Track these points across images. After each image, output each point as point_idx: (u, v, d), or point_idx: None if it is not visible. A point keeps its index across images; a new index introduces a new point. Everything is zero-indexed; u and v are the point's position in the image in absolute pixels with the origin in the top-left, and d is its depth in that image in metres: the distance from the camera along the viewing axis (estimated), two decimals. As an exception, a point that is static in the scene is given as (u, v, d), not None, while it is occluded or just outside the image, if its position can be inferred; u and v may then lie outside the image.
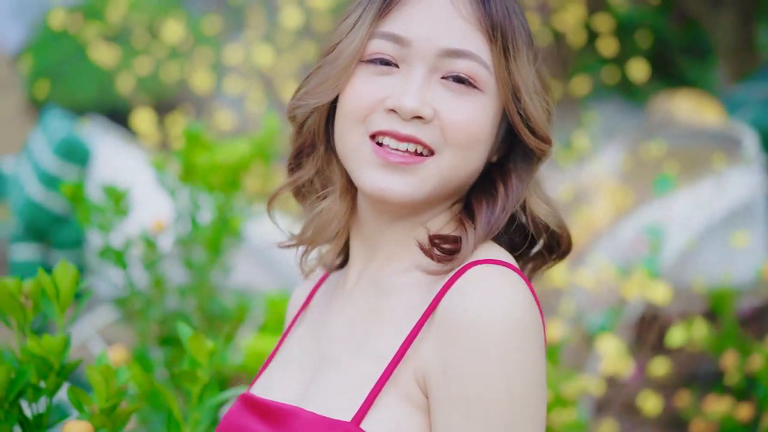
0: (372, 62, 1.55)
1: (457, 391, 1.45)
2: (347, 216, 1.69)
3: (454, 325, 1.46)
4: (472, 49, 1.53)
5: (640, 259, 4.40)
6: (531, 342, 1.45)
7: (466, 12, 1.54)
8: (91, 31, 5.42)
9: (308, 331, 1.73)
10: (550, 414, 3.17)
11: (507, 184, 1.62)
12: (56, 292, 1.76)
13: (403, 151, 1.52)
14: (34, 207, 4.41)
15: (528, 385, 1.44)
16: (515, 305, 1.44)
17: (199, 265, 3.14)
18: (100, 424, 1.68)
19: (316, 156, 1.68)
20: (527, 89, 1.56)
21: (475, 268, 1.50)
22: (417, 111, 1.50)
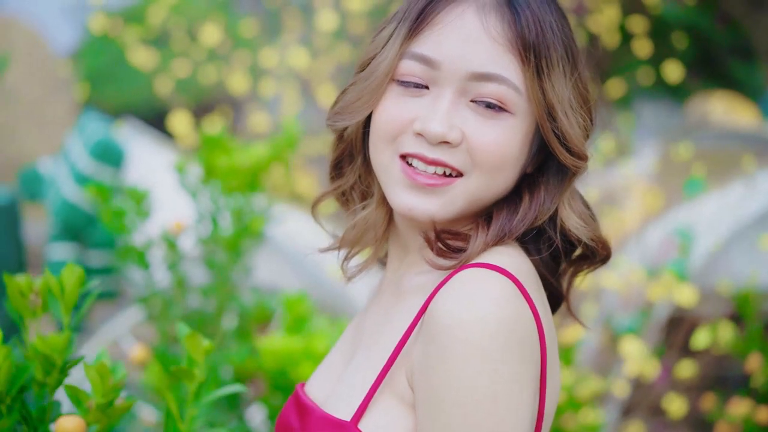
0: (403, 83, 1.57)
1: (427, 393, 1.48)
2: (386, 223, 1.74)
3: (432, 326, 1.48)
4: (502, 72, 1.53)
5: (668, 261, 4.39)
6: (507, 349, 1.45)
7: (497, 33, 1.53)
8: (130, 34, 5.51)
9: (352, 330, 1.81)
10: (562, 416, 3.19)
11: (534, 196, 1.64)
12: (62, 292, 1.82)
13: (431, 173, 1.55)
14: (70, 207, 4.52)
15: (497, 392, 1.44)
16: (491, 312, 1.45)
17: (220, 266, 3.20)
18: (95, 419, 1.75)
19: (355, 165, 1.74)
20: (563, 107, 1.57)
21: (467, 270, 1.52)
22: (443, 136, 1.52)
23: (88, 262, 4.69)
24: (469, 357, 1.44)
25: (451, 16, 1.54)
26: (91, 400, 1.76)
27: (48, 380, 1.79)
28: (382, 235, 1.75)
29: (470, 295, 1.48)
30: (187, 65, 5.64)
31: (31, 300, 1.83)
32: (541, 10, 1.56)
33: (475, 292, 1.48)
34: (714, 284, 4.29)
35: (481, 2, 1.55)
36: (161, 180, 3.65)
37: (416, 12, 1.56)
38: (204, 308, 3.22)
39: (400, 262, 1.73)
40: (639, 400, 4.48)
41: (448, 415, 1.45)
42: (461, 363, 1.44)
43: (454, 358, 1.45)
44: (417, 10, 1.56)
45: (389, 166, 1.59)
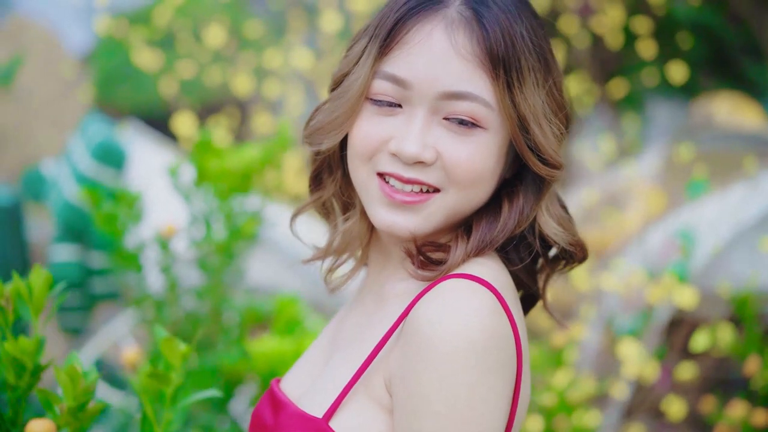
0: (376, 102, 1.58)
1: (405, 399, 1.50)
2: (369, 234, 1.77)
3: (411, 335, 1.51)
4: (473, 89, 1.54)
5: (669, 263, 4.37)
6: (484, 360, 1.47)
7: (465, 51, 1.53)
8: (136, 36, 5.53)
9: (333, 329, 1.83)
10: (554, 418, 3.18)
11: (513, 204, 1.65)
12: (30, 295, 1.83)
13: (409, 191, 1.57)
14: (72, 209, 4.53)
15: (469, 400, 1.46)
16: (472, 323, 1.48)
17: (213, 268, 3.21)
18: (65, 423, 1.76)
19: (335, 177, 1.75)
20: (536, 117, 1.57)
21: (448, 281, 1.54)
22: (418, 157, 1.54)
23: (90, 264, 4.70)
24: (449, 367, 1.46)
25: (420, 35, 1.55)
26: (62, 404, 1.77)
27: (20, 383, 1.80)
28: (365, 247, 1.78)
29: (451, 305, 1.50)
30: (192, 66, 5.65)
31: (2, 305, 1.84)
32: (511, 22, 1.56)
33: (456, 302, 1.50)
34: (715, 286, 4.27)
35: (449, 19, 1.55)
36: (160, 182, 3.66)
37: (386, 30, 1.57)
38: (197, 310, 3.23)
39: (382, 269, 1.74)
40: (640, 402, 4.47)
41: (426, 422, 1.47)
42: (441, 372, 1.46)
43: (433, 367, 1.47)
44: (387, 28, 1.57)
45: (367, 183, 1.61)
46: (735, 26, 7.63)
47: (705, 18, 7.32)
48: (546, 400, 3.20)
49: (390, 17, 1.58)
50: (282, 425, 1.63)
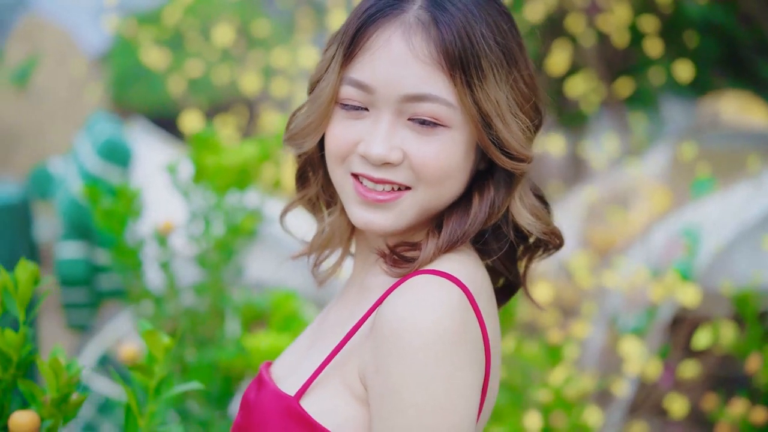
0: (345, 107, 1.64)
1: (381, 390, 1.55)
2: (350, 228, 1.84)
3: (381, 329, 1.55)
4: (432, 91, 1.58)
5: (673, 262, 4.37)
6: (451, 353, 1.51)
7: (423, 54, 1.58)
8: (145, 35, 5.57)
9: (319, 319, 1.89)
10: (551, 414, 3.19)
11: (483, 197, 1.69)
12: (16, 289, 1.85)
13: (380, 190, 1.63)
14: (78, 206, 4.57)
15: (446, 391, 1.51)
16: (439, 317, 1.52)
17: (212, 265, 3.24)
18: (49, 414, 1.78)
19: (317, 177, 1.81)
20: (499, 113, 1.61)
21: (417, 276, 1.59)
22: (384, 158, 1.60)
23: (96, 261, 4.74)
24: (417, 361, 1.50)
25: (380, 41, 1.60)
26: (46, 396, 1.79)
27: (5, 376, 1.83)
28: (348, 239, 1.85)
29: (418, 300, 1.54)
30: (201, 65, 5.69)
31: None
32: (470, 21, 1.60)
33: (423, 297, 1.55)
34: (718, 285, 4.27)
35: (406, 24, 1.59)
36: (161, 179, 3.69)
37: (349, 37, 1.62)
38: (196, 307, 3.26)
39: (365, 262, 1.79)
40: (643, 400, 4.47)
41: (397, 417, 1.52)
42: (410, 367, 1.51)
43: (402, 362, 1.51)
44: (350, 35, 1.62)
45: (343, 183, 1.67)
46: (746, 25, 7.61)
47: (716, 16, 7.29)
48: (543, 396, 3.21)
49: (352, 24, 1.63)
50: (260, 402, 1.71)
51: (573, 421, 3.21)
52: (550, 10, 5.88)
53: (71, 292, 4.77)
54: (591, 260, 4.71)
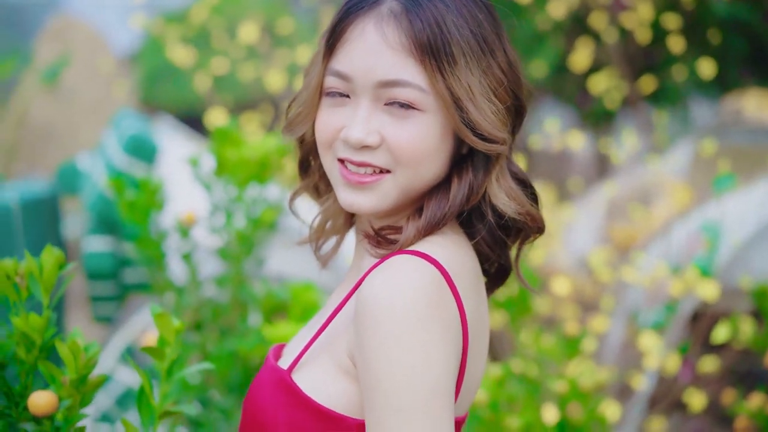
0: (329, 95, 1.75)
1: (364, 366, 1.63)
2: (345, 212, 1.95)
3: (359, 307, 1.64)
4: (404, 76, 1.68)
5: (693, 257, 4.39)
6: (424, 327, 1.59)
7: (394, 42, 1.68)
8: (171, 33, 5.63)
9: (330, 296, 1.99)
10: (566, 406, 3.22)
11: (461, 179, 1.78)
12: (41, 274, 1.91)
13: (362, 173, 1.73)
14: (105, 201, 4.65)
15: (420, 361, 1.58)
16: (412, 294, 1.60)
17: (233, 256, 3.30)
18: (68, 395, 1.84)
19: (318, 164, 1.93)
20: (471, 97, 1.70)
21: (397, 256, 1.68)
22: (363, 142, 1.70)
23: (122, 254, 4.82)
24: (393, 337, 1.58)
25: (356, 33, 1.71)
26: (65, 377, 1.85)
27: (29, 358, 1.89)
28: (342, 224, 1.96)
29: (395, 278, 1.62)
30: (226, 63, 5.75)
31: (17, 282, 1.92)
32: (441, 11, 1.69)
33: (400, 276, 1.62)
34: (738, 280, 4.28)
35: (380, 16, 1.70)
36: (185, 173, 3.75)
37: (330, 31, 1.75)
38: (218, 298, 3.32)
39: (360, 246, 1.89)
40: (662, 394, 4.49)
41: (379, 387, 1.59)
42: (386, 345, 1.58)
43: (379, 335, 1.59)
44: (330, 29, 1.75)
45: (331, 168, 1.78)
46: None
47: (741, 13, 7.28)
48: (559, 387, 3.24)
49: (334, 19, 1.75)
50: (259, 377, 1.83)
51: (589, 412, 3.24)
52: (573, 7, 5.90)
53: (98, 286, 4.85)
54: (612, 256, 4.74)
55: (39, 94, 9.89)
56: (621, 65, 5.52)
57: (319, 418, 1.68)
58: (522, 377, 3.27)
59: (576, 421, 3.21)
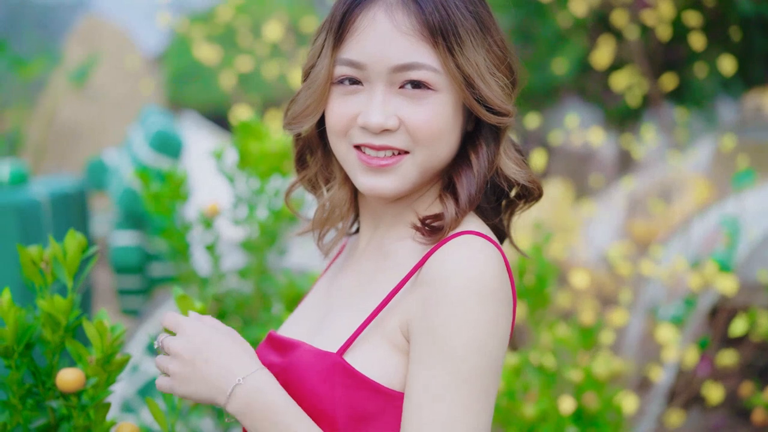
0: (341, 83, 1.80)
1: (429, 337, 1.69)
2: (351, 200, 2.00)
3: (432, 284, 1.71)
4: (418, 59, 1.74)
5: (712, 252, 4.42)
6: (496, 303, 1.69)
7: (405, 27, 1.74)
8: (198, 32, 5.72)
9: (325, 284, 2.03)
10: (582, 394, 3.27)
11: (478, 153, 1.86)
12: (65, 259, 1.99)
13: (382, 156, 1.78)
14: (132, 196, 4.74)
15: (488, 335, 1.68)
16: (485, 270, 1.69)
17: (255, 247, 3.37)
18: (94, 373, 1.91)
19: (316, 156, 1.98)
20: (479, 74, 1.78)
21: (457, 238, 1.75)
22: (383, 125, 1.75)
23: (149, 249, 4.90)
24: (469, 308, 1.67)
25: (365, 21, 1.76)
26: (91, 356, 1.92)
27: (54, 338, 1.96)
28: (347, 212, 2.00)
29: (466, 256, 1.71)
30: (251, 61, 5.83)
31: (42, 268, 2.00)
32: None
33: (472, 255, 1.71)
34: (757, 275, 4.31)
35: (387, 3, 1.76)
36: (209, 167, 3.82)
37: (337, 23, 1.78)
38: (240, 289, 3.39)
39: (375, 229, 1.94)
40: (682, 388, 4.52)
41: (449, 357, 1.66)
42: (462, 314, 1.67)
43: (454, 307, 1.67)
44: (338, 20, 1.78)
45: (347, 156, 1.82)
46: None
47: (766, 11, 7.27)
48: (574, 375, 3.29)
49: (339, 10, 1.79)
50: (295, 363, 1.81)
51: (604, 401, 3.28)
52: (594, 5, 5.94)
53: (125, 279, 4.94)
54: (631, 251, 4.77)
55: (67, 93, 10.01)
56: (642, 63, 5.55)
57: (377, 396, 1.73)
58: (539, 368, 3.31)
59: (591, 410, 3.26)
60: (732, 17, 6.74)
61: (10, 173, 4.41)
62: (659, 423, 4.49)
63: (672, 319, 4.42)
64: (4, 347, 1.92)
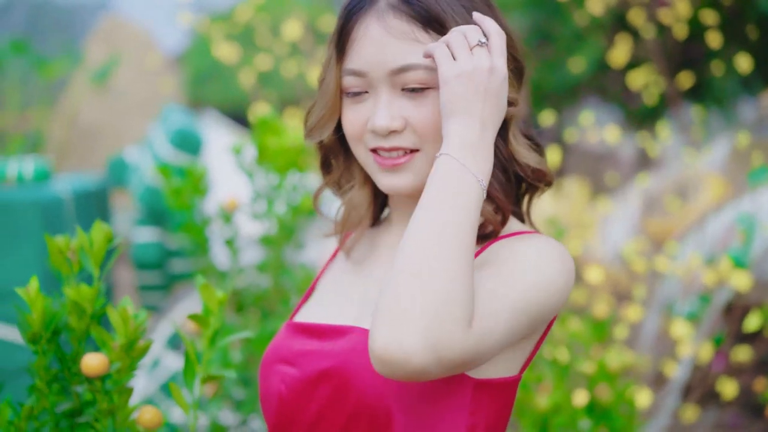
0: (348, 94, 1.88)
1: (497, 261, 1.75)
2: (371, 202, 2.06)
3: (505, 246, 1.80)
4: (412, 60, 1.80)
5: (728, 249, 4.45)
6: (564, 274, 1.77)
7: (397, 31, 1.80)
8: (217, 31, 5.79)
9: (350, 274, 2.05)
10: (595, 387, 3.31)
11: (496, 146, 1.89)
12: (91, 248, 2.05)
13: (395, 156, 1.85)
14: (153, 193, 4.82)
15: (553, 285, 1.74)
16: (558, 250, 1.78)
17: (274, 241, 3.43)
18: (117, 358, 1.97)
19: (339, 161, 2.04)
20: None
21: (523, 234, 1.85)
22: (389, 127, 1.82)
23: (169, 245, 4.97)
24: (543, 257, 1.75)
25: (361, 31, 1.83)
26: (115, 342, 1.99)
27: (80, 325, 2.03)
28: (366, 212, 2.05)
29: (540, 239, 1.81)
30: (270, 60, 5.89)
31: (69, 257, 2.06)
32: None
33: (547, 240, 1.81)
34: (772, 271, 4.35)
35: (380, 11, 1.82)
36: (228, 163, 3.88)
37: (337, 36, 1.87)
38: (259, 282, 3.45)
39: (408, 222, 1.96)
40: (697, 384, 4.56)
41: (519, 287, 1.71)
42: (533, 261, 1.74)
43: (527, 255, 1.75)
44: (338, 33, 1.87)
45: (366, 159, 1.90)
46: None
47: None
48: (587, 367, 3.33)
49: (338, 24, 1.88)
50: (351, 348, 1.82)
51: (618, 394, 3.32)
52: (611, 3, 5.97)
53: (146, 275, 5.02)
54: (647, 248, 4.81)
55: (89, 93, 10.10)
56: (659, 61, 5.59)
57: (441, 380, 1.74)
58: (552, 362, 3.35)
59: (604, 403, 3.30)
60: (750, 15, 6.76)
61: (34, 170, 4.49)
62: (674, 418, 4.53)
63: (687, 315, 4.45)
64: (31, 334, 1.98)
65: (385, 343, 1.54)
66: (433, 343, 1.53)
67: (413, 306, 1.55)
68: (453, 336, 1.55)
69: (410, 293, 1.56)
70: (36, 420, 2.02)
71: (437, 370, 1.56)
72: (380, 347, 1.55)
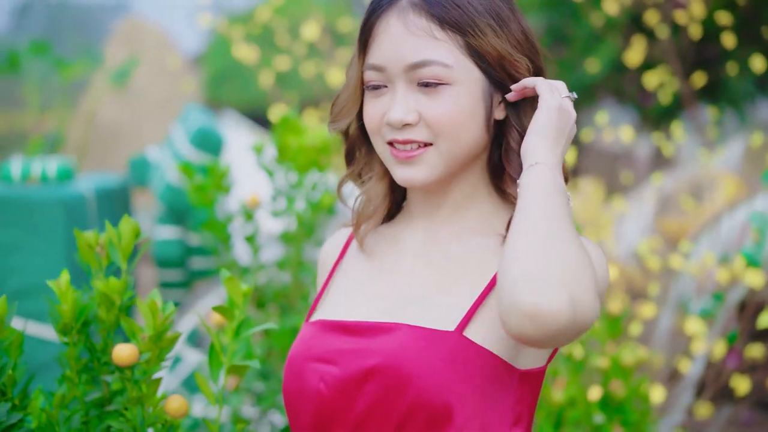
0: (369, 88, 1.96)
1: None
2: (387, 194, 2.11)
3: None
4: (428, 56, 1.87)
5: (741, 247, 4.50)
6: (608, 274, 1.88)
7: (416, 28, 1.88)
8: (237, 32, 5.87)
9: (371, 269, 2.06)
10: (609, 381, 3.37)
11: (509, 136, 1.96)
12: (120, 242, 2.12)
13: (409, 149, 1.91)
14: (173, 191, 4.89)
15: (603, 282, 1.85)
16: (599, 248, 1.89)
17: (293, 238, 3.50)
18: (147, 348, 2.05)
19: (361, 153, 2.11)
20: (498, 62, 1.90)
21: None
22: (403, 120, 1.89)
23: (190, 243, 5.05)
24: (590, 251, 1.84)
25: (381, 27, 1.92)
26: (144, 333, 2.06)
27: (109, 317, 2.10)
28: (381, 204, 2.10)
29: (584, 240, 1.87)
30: (289, 61, 5.96)
31: (97, 251, 2.13)
32: None
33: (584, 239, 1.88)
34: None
35: (400, 9, 1.90)
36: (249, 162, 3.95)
37: (361, 32, 1.96)
38: (279, 278, 3.52)
39: (433, 216, 2.02)
40: (711, 381, 4.60)
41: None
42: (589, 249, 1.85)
43: None
44: (361, 30, 1.96)
45: (383, 152, 1.96)
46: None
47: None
48: (601, 362, 3.38)
49: (363, 21, 1.97)
50: (399, 345, 1.84)
51: (631, 389, 3.37)
52: (627, 4, 6.02)
53: (167, 273, 5.10)
54: (661, 247, 4.86)
55: (108, 94, 10.20)
56: (674, 62, 5.63)
57: (490, 371, 1.79)
58: (567, 357, 3.41)
59: (618, 397, 3.35)
60: (764, 16, 6.79)
61: (57, 169, 4.57)
62: (688, 414, 4.58)
63: (701, 313, 4.50)
64: (62, 325, 2.06)
65: (534, 301, 1.58)
66: (575, 303, 1.59)
67: (555, 265, 1.61)
68: (588, 297, 1.61)
69: (548, 254, 1.63)
70: (66, 408, 2.10)
71: (572, 332, 1.61)
72: (530, 305, 1.58)
